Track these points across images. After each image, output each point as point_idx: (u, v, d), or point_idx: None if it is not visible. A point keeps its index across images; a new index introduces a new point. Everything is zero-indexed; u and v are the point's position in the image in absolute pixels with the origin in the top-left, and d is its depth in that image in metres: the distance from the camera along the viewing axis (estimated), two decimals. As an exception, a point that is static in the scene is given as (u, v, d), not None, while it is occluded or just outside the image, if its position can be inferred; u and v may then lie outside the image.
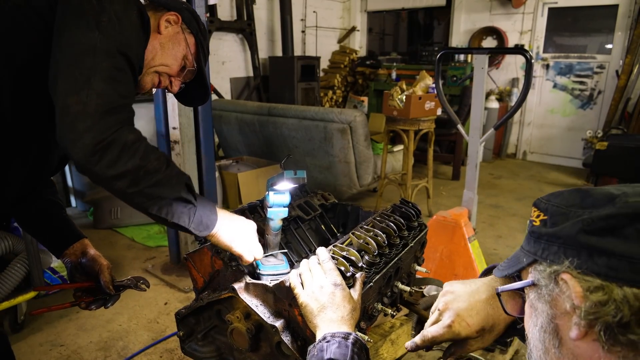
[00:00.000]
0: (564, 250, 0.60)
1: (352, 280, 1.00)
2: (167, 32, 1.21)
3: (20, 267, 2.42)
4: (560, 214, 0.63)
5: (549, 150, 6.57)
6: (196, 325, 1.25)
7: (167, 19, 1.20)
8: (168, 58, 1.21)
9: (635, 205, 0.56)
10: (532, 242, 0.67)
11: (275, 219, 1.15)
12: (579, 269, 0.58)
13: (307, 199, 1.54)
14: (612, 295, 0.55)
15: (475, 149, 2.59)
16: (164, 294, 2.92)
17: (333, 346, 0.84)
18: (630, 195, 0.58)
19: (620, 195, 0.59)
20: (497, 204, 4.68)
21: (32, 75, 1.02)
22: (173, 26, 1.22)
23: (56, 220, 1.36)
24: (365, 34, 8.09)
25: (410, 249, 1.31)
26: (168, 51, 1.21)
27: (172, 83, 1.27)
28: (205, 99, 1.43)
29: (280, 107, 4.39)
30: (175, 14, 1.22)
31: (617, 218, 0.56)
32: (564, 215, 0.63)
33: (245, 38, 6.11)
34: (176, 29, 1.23)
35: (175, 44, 1.22)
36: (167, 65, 1.22)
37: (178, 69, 1.25)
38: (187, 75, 1.29)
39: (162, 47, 1.20)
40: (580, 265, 0.58)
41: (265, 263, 1.20)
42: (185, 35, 1.24)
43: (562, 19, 6.23)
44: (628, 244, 0.55)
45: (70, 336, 2.49)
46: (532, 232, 0.68)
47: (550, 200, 0.66)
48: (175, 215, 1.03)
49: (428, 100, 3.90)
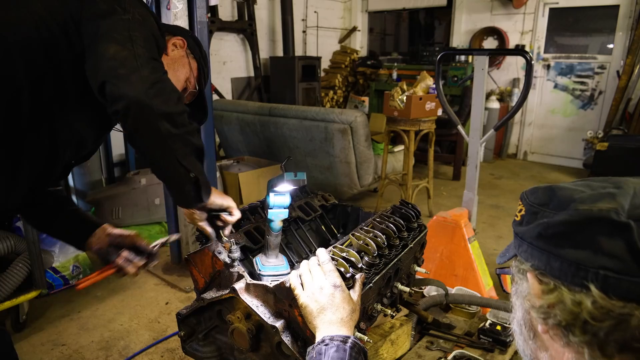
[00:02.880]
0: (530, 250, 0.62)
1: (352, 281, 1.01)
2: (174, 54, 1.30)
3: (22, 266, 2.44)
4: (532, 212, 0.64)
5: (549, 150, 6.57)
6: (197, 325, 1.26)
7: (174, 43, 1.30)
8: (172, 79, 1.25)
9: (585, 213, 0.57)
10: (514, 236, 0.69)
11: (275, 220, 1.16)
12: (538, 270, 0.61)
13: (308, 200, 1.55)
14: (562, 298, 0.57)
15: (476, 150, 2.60)
16: (165, 294, 2.93)
17: (331, 350, 0.84)
18: (584, 201, 0.58)
19: (576, 200, 0.59)
20: (498, 204, 4.68)
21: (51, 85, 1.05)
22: (179, 50, 1.31)
23: (71, 214, 1.37)
24: (366, 34, 8.10)
25: (409, 250, 1.32)
26: (173, 72, 1.28)
27: None
28: (203, 120, 1.50)
29: (281, 107, 4.39)
30: (181, 39, 1.32)
31: (567, 225, 0.58)
32: (534, 215, 0.64)
33: (246, 38, 6.11)
34: (182, 52, 1.32)
35: (180, 67, 1.31)
36: None
37: (180, 90, 1.31)
38: (188, 97, 1.36)
39: (168, 67, 1.25)
40: (539, 267, 0.61)
41: (265, 264, 1.21)
42: (189, 59, 1.34)
43: (563, 19, 6.23)
44: (577, 251, 0.56)
45: (72, 336, 2.50)
46: (514, 226, 0.69)
47: (527, 197, 0.67)
48: (196, 170, 1.07)
49: (429, 101, 3.91)
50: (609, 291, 0.53)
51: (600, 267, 0.53)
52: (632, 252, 0.52)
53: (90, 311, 2.73)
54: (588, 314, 0.54)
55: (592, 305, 0.54)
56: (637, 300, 0.52)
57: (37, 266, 2.44)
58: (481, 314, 1.75)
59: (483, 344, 1.53)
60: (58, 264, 2.89)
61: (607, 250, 0.53)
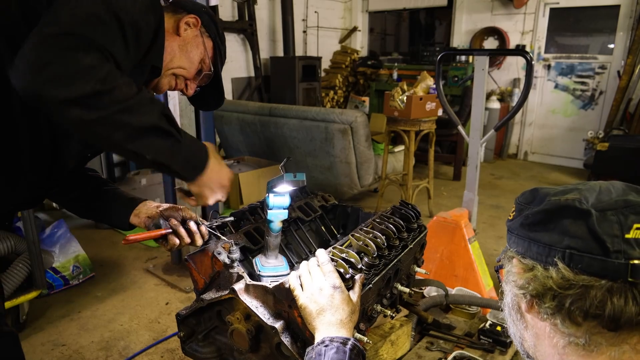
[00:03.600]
0: (516, 240, 0.73)
1: (351, 282, 1.01)
2: (186, 34, 1.19)
3: (22, 267, 2.44)
4: (519, 210, 0.74)
5: (550, 150, 6.57)
6: (197, 326, 1.26)
7: (186, 22, 1.18)
8: (185, 61, 1.20)
9: (555, 202, 0.67)
10: (508, 234, 0.78)
11: (275, 220, 1.16)
12: (521, 254, 0.71)
13: (308, 200, 1.55)
14: (537, 275, 0.67)
15: (476, 150, 2.60)
16: (165, 294, 2.93)
17: (331, 351, 0.84)
18: (556, 194, 0.69)
19: (550, 194, 0.70)
20: (498, 204, 4.68)
21: None
22: (192, 29, 1.20)
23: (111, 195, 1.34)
24: (366, 34, 8.09)
25: (409, 250, 1.32)
26: (186, 54, 1.19)
27: (188, 86, 1.26)
28: (219, 103, 1.41)
29: (282, 107, 4.39)
30: (195, 17, 1.20)
31: (542, 213, 0.68)
32: (520, 212, 0.74)
33: (246, 38, 6.11)
34: (195, 32, 1.21)
35: (194, 47, 1.21)
36: (184, 67, 1.21)
37: (195, 72, 1.24)
38: (203, 79, 1.27)
39: (180, 49, 1.18)
40: (521, 252, 0.71)
41: (265, 264, 1.21)
42: (204, 38, 1.23)
43: (563, 20, 6.22)
44: (549, 235, 0.66)
45: (72, 336, 2.50)
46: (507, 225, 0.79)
47: (518, 198, 0.77)
48: (152, 150, 0.92)
49: (429, 101, 3.90)
50: (572, 266, 0.63)
51: (566, 247, 0.64)
52: (592, 234, 0.62)
53: (91, 311, 2.73)
54: (555, 284, 0.64)
55: (558, 276, 0.64)
56: (596, 274, 0.62)
57: (37, 266, 2.44)
58: (481, 314, 1.75)
59: (483, 345, 1.53)
60: (58, 264, 2.89)
61: (572, 232, 0.64)
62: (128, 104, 0.88)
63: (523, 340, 0.76)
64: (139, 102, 0.90)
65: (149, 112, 0.92)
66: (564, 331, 0.66)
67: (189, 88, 1.26)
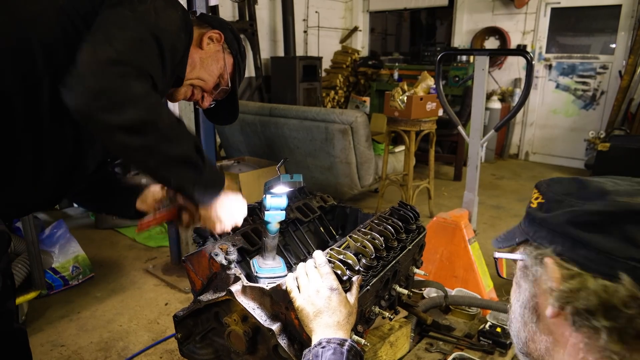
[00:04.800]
0: (551, 236, 0.64)
1: (349, 283, 1.00)
2: (209, 48, 1.24)
3: (21, 267, 2.44)
4: (555, 201, 0.66)
5: (551, 150, 6.55)
6: (194, 327, 1.25)
7: (210, 36, 1.23)
8: (205, 73, 1.24)
9: (623, 205, 0.58)
10: (528, 222, 0.70)
11: (272, 222, 1.16)
12: (561, 255, 0.62)
13: (306, 201, 1.55)
14: (586, 284, 0.58)
15: (476, 151, 2.59)
16: (165, 295, 2.92)
17: (328, 352, 0.84)
18: (621, 194, 0.60)
19: (611, 192, 0.61)
20: (499, 204, 4.67)
21: None
22: (215, 44, 1.25)
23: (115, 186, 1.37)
24: (367, 34, 8.09)
25: (408, 251, 1.31)
26: (206, 67, 1.23)
27: (204, 98, 1.29)
28: (233, 119, 1.43)
29: (282, 107, 4.39)
30: (218, 33, 1.25)
31: (603, 215, 0.59)
32: (558, 203, 0.65)
33: (247, 38, 6.10)
34: (217, 47, 1.26)
35: (214, 62, 1.25)
36: (203, 79, 1.24)
37: (212, 85, 1.27)
38: (220, 93, 1.31)
39: (201, 61, 1.22)
40: (562, 252, 0.62)
41: (262, 266, 1.21)
42: (225, 54, 1.27)
43: (564, 19, 6.21)
44: (608, 240, 0.57)
45: (71, 336, 2.49)
46: (529, 213, 0.71)
47: (550, 186, 0.69)
48: (179, 177, 1.00)
49: (429, 101, 3.89)
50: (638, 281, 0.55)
51: (629, 258, 0.55)
52: None
53: (90, 312, 2.73)
54: (619, 301, 0.55)
55: (623, 293, 0.55)
56: None
57: (37, 267, 2.44)
58: (481, 315, 1.74)
59: (483, 346, 1.52)
60: (57, 265, 2.88)
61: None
62: (168, 134, 0.95)
63: (530, 342, 0.70)
64: (178, 133, 0.98)
65: (185, 144, 0.99)
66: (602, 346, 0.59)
67: (205, 100, 1.30)
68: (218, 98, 1.33)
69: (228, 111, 1.40)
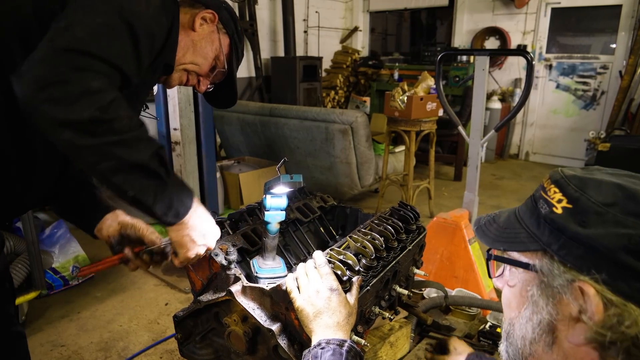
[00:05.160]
0: (593, 259, 0.54)
1: (349, 284, 1.00)
2: (202, 30, 1.16)
3: (21, 267, 2.44)
4: (595, 212, 0.55)
5: (551, 151, 6.55)
6: (194, 327, 1.25)
7: (203, 17, 1.15)
8: (199, 57, 1.17)
9: None
10: (546, 231, 0.59)
11: (272, 222, 1.15)
12: (606, 284, 0.53)
13: (306, 201, 1.54)
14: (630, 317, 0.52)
15: (476, 151, 2.58)
16: (165, 295, 2.92)
17: (327, 353, 0.83)
18: None
19: None
20: (499, 205, 4.66)
21: None
22: (208, 24, 1.17)
23: (84, 197, 1.29)
24: (367, 34, 8.08)
25: (408, 252, 1.31)
26: (200, 50, 1.16)
27: (200, 82, 1.22)
28: (232, 102, 1.37)
29: (282, 107, 4.39)
30: (212, 12, 1.17)
31: None
32: (598, 216, 0.54)
33: (247, 38, 6.10)
34: (211, 27, 1.18)
35: (208, 43, 1.18)
36: (197, 64, 1.18)
37: (208, 69, 1.20)
38: (217, 76, 1.24)
39: (194, 45, 1.16)
40: (607, 282, 0.53)
41: (262, 266, 1.21)
42: (220, 35, 1.20)
43: (565, 19, 6.21)
44: None
45: (71, 336, 2.49)
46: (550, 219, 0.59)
47: (584, 191, 0.57)
48: (135, 187, 0.88)
49: (429, 101, 3.89)
50: None
51: None
52: None
53: (90, 312, 2.73)
54: None
55: None
56: None
57: (37, 267, 2.44)
58: (481, 316, 1.74)
59: (483, 346, 1.52)
60: (58, 265, 2.88)
61: None
62: (123, 137, 0.85)
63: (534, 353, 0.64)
64: (135, 138, 0.88)
65: (142, 150, 0.88)
66: None
67: (202, 84, 1.23)
68: (216, 81, 1.26)
69: (227, 94, 1.33)
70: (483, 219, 0.75)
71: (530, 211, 0.65)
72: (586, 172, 0.61)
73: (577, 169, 0.65)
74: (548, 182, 0.63)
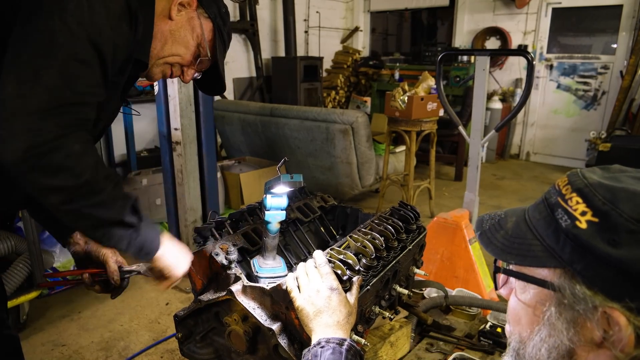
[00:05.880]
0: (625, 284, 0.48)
1: (349, 283, 1.00)
2: (180, 17, 1.09)
3: (22, 267, 2.44)
4: (628, 230, 0.48)
5: (552, 151, 6.55)
6: (195, 327, 1.25)
7: (180, 2, 1.08)
8: (179, 47, 1.11)
9: None
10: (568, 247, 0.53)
11: (272, 222, 1.16)
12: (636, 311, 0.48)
13: (307, 201, 1.55)
14: None
15: (477, 151, 2.59)
16: (165, 295, 2.93)
17: (327, 352, 0.84)
18: None
19: None
20: (500, 205, 4.66)
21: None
22: (187, 10, 1.10)
23: None
24: (368, 34, 8.09)
25: (408, 251, 1.31)
26: (179, 39, 1.10)
27: (184, 73, 1.17)
28: (220, 89, 1.32)
29: (283, 107, 4.39)
30: None
31: None
32: (632, 235, 0.48)
33: (248, 38, 6.11)
34: (190, 13, 1.10)
35: (188, 31, 1.11)
36: (178, 54, 1.12)
37: (191, 58, 1.14)
38: (202, 64, 1.17)
39: (172, 34, 1.09)
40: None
41: (263, 265, 1.21)
42: (202, 20, 1.12)
43: (566, 19, 6.20)
44: None
45: (72, 336, 2.50)
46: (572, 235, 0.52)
47: (615, 205, 0.50)
48: (112, 240, 0.96)
49: (430, 101, 3.89)
50: None
51: None
52: None
53: (91, 311, 2.73)
54: None
55: None
56: None
57: (38, 266, 2.44)
58: (482, 316, 1.74)
59: (483, 346, 1.52)
60: (59, 264, 2.88)
61: None
62: (101, 198, 0.90)
63: None
64: (112, 198, 0.93)
65: (118, 208, 0.94)
66: None
67: (186, 75, 1.18)
68: (202, 69, 1.19)
69: (215, 82, 1.27)
70: (486, 221, 0.69)
71: (546, 221, 0.58)
72: (612, 179, 0.55)
73: (597, 171, 0.59)
74: (568, 190, 0.55)
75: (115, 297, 1.28)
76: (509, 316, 0.67)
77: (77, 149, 0.85)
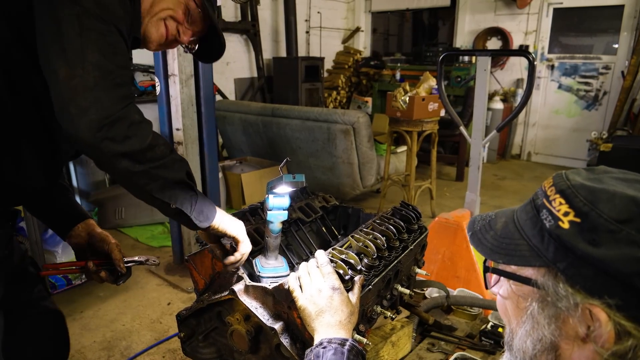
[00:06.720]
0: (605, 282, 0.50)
1: (351, 283, 1.01)
2: None
3: (25, 267, 2.44)
4: (606, 230, 0.50)
5: (553, 151, 6.55)
6: (197, 326, 1.26)
7: None
8: (169, 1, 1.13)
9: None
10: (552, 247, 0.55)
11: (275, 221, 1.16)
12: (620, 311, 0.49)
13: (308, 201, 1.55)
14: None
15: (478, 151, 2.59)
16: (167, 294, 2.93)
17: (329, 353, 0.84)
18: None
19: None
20: (501, 205, 4.66)
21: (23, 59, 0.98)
22: None
23: (60, 202, 1.35)
24: (369, 35, 8.09)
25: (410, 251, 1.32)
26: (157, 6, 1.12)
27: (181, 32, 1.18)
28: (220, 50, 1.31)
29: (284, 108, 4.40)
30: None
31: None
32: (611, 234, 0.50)
33: (249, 39, 6.12)
34: None
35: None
36: (170, 8, 1.14)
37: (182, 13, 1.15)
38: (196, 24, 1.19)
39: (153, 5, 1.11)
40: (622, 308, 0.49)
41: (265, 265, 1.21)
42: None
43: (567, 20, 6.20)
44: None
45: (74, 336, 2.50)
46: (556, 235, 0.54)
47: (595, 206, 0.51)
48: (178, 201, 1.01)
49: (431, 102, 3.90)
50: None
51: None
52: None
53: (93, 311, 2.74)
54: None
55: None
56: None
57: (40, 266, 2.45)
58: (483, 315, 1.74)
59: (485, 346, 1.52)
60: (61, 264, 2.89)
61: None
62: (165, 161, 0.99)
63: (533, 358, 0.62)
64: (173, 160, 1.01)
65: (179, 170, 1.03)
66: None
67: (184, 34, 1.19)
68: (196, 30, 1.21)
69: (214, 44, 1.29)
70: (478, 222, 0.71)
71: (532, 222, 0.60)
72: (594, 180, 0.56)
73: (582, 173, 0.60)
74: (552, 191, 0.57)
75: (120, 284, 1.35)
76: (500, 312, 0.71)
77: (137, 118, 0.94)
